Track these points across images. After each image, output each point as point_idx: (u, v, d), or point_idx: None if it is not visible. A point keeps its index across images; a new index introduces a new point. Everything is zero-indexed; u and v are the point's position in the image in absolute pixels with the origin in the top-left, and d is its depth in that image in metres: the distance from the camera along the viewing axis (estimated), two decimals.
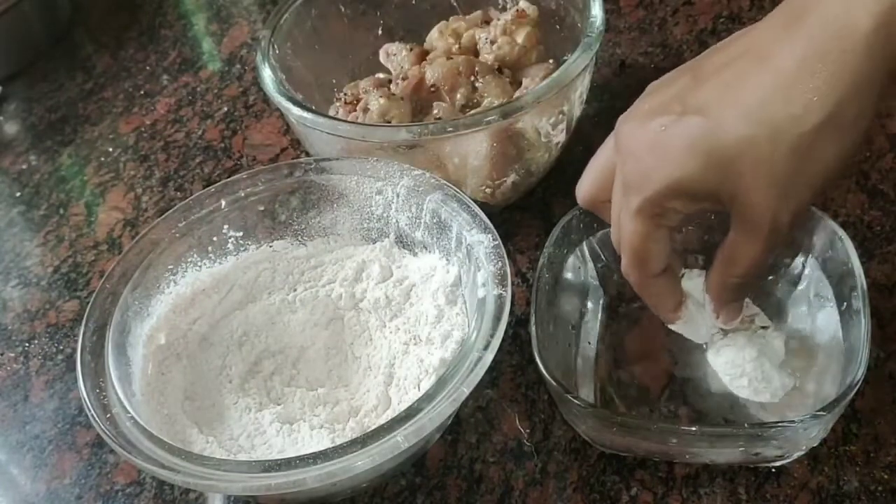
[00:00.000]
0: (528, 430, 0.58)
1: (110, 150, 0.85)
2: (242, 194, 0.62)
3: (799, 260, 0.59)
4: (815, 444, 0.52)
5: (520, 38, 0.71)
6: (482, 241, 0.55)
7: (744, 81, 0.43)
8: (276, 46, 0.71)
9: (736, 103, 0.43)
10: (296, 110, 0.65)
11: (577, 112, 0.68)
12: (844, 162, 0.44)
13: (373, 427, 0.50)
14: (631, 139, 0.46)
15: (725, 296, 0.51)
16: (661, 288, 0.50)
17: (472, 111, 0.67)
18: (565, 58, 0.66)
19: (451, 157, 0.64)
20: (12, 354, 0.69)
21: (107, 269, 0.59)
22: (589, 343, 0.58)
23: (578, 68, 0.63)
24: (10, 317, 0.72)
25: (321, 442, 0.53)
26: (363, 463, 0.47)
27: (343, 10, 0.76)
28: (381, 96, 0.66)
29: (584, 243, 0.61)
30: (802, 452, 0.53)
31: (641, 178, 0.45)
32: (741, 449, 0.52)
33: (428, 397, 0.49)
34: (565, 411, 0.55)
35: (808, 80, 0.42)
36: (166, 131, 0.86)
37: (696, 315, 0.53)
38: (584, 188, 0.53)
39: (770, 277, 0.59)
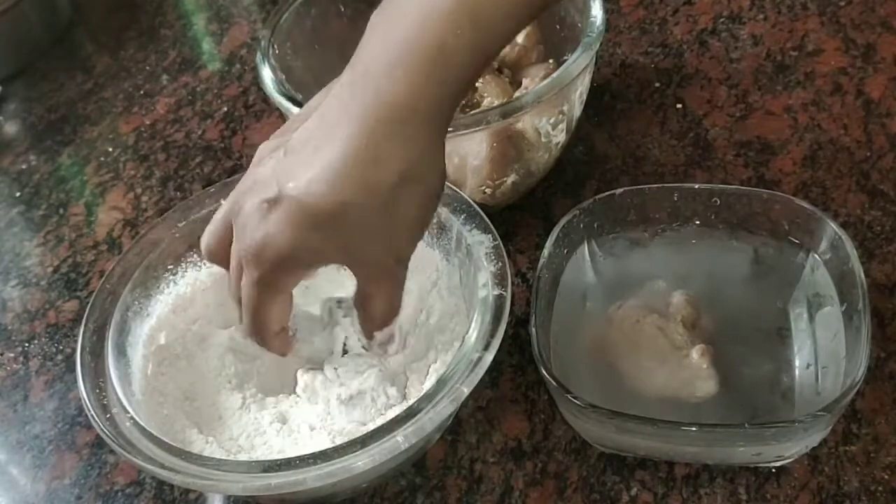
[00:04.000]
0: (528, 430, 0.58)
1: (110, 150, 0.85)
2: None
3: (799, 260, 0.59)
4: (815, 444, 0.52)
5: (520, 38, 0.71)
6: (482, 241, 0.55)
7: (324, 155, 0.46)
8: (276, 46, 0.71)
9: (322, 176, 0.46)
10: (296, 110, 0.64)
11: (577, 112, 0.68)
12: (432, 206, 0.49)
13: (373, 427, 0.50)
14: (241, 214, 0.48)
15: (373, 332, 0.53)
16: (282, 342, 0.53)
17: (472, 111, 0.67)
18: (565, 58, 0.66)
19: (451, 157, 0.64)
20: (12, 354, 0.69)
21: (107, 269, 0.59)
22: (588, 343, 0.58)
23: (578, 68, 0.63)
24: (10, 317, 0.72)
25: (321, 442, 0.53)
26: (363, 463, 0.47)
27: (343, 10, 0.76)
28: None
29: (584, 243, 0.61)
30: (803, 452, 0.53)
31: (255, 253, 0.48)
32: (741, 449, 0.52)
33: (428, 397, 0.49)
34: (565, 411, 0.55)
35: (377, 150, 0.45)
36: (166, 131, 0.86)
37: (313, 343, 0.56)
38: (207, 242, 0.53)
39: (769, 277, 0.59)
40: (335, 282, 0.58)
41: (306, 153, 0.47)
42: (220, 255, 0.52)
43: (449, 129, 0.61)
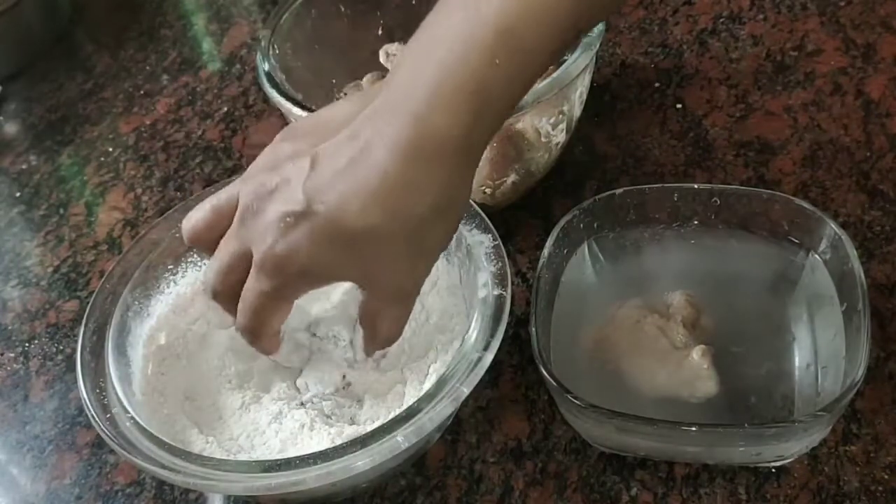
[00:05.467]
0: (528, 430, 0.58)
1: (110, 150, 0.85)
2: None
3: (799, 260, 0.59)
4: (815, 444, 0.52)
5: None
6: (482, 241, 0.55)
7: (357, 177, 0.46)
8: (276, 46, 0.71)
9: (355, 198, 0.46)
10: (296, 110, 0.64)
11: (577, 112, 0.68)
12: (453, 234, 0.50)
13: (373, 427, 0.50)
14: (261, 221, 0.48)
15: (375, 351, 0.54)
16: (272, 342, 0.53)
17: None
18: (565, 58, 0.66)
19: None
20: (12, 354, 0.69)
21: (107, 269, 0.59)
22: (588, 343, 0.58)
23: (578, 68, 0.63)
24: (10, 317, 0.72)
25: (321, 442, 0.53)
26: (363, 463, 0.47)
27: (343, 10, 0.76)
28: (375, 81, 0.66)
29: (584, 243, 0.61)
30: (803, 452, 0.53)
31: (276, 265, 0.48)
32: (741, 449, 0.52)
33: (428, 397, 0.49)
34: (565, 411, 0.55)
35: (412, 180, 0.46)
36: (166, 131, 0.86)
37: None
38: (195, 227, 0.52)
39: (769, 278, 0.59)
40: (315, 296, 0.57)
41: (338, 172, 0.46)
42: (206, 242, 0.52)
43: None
